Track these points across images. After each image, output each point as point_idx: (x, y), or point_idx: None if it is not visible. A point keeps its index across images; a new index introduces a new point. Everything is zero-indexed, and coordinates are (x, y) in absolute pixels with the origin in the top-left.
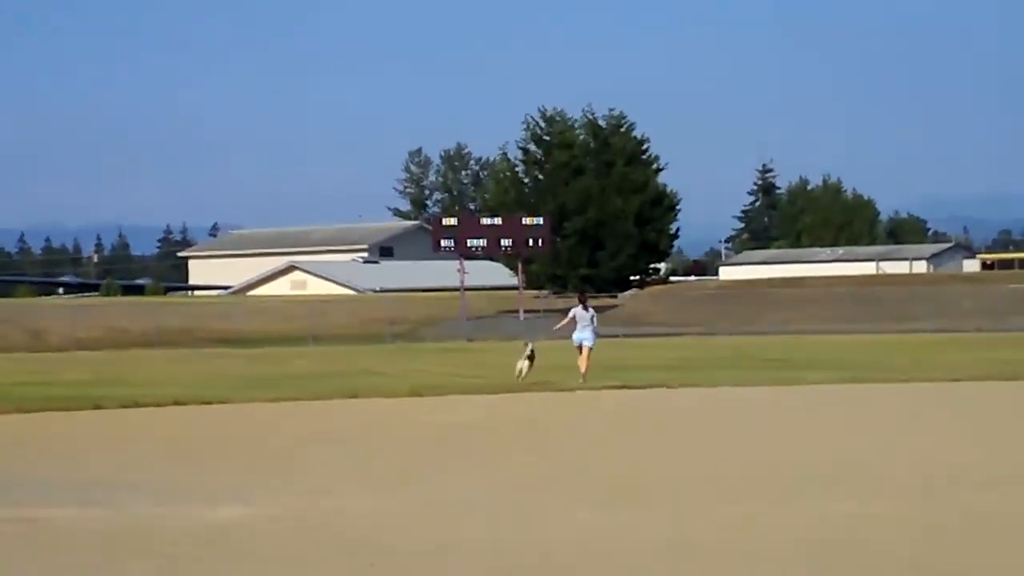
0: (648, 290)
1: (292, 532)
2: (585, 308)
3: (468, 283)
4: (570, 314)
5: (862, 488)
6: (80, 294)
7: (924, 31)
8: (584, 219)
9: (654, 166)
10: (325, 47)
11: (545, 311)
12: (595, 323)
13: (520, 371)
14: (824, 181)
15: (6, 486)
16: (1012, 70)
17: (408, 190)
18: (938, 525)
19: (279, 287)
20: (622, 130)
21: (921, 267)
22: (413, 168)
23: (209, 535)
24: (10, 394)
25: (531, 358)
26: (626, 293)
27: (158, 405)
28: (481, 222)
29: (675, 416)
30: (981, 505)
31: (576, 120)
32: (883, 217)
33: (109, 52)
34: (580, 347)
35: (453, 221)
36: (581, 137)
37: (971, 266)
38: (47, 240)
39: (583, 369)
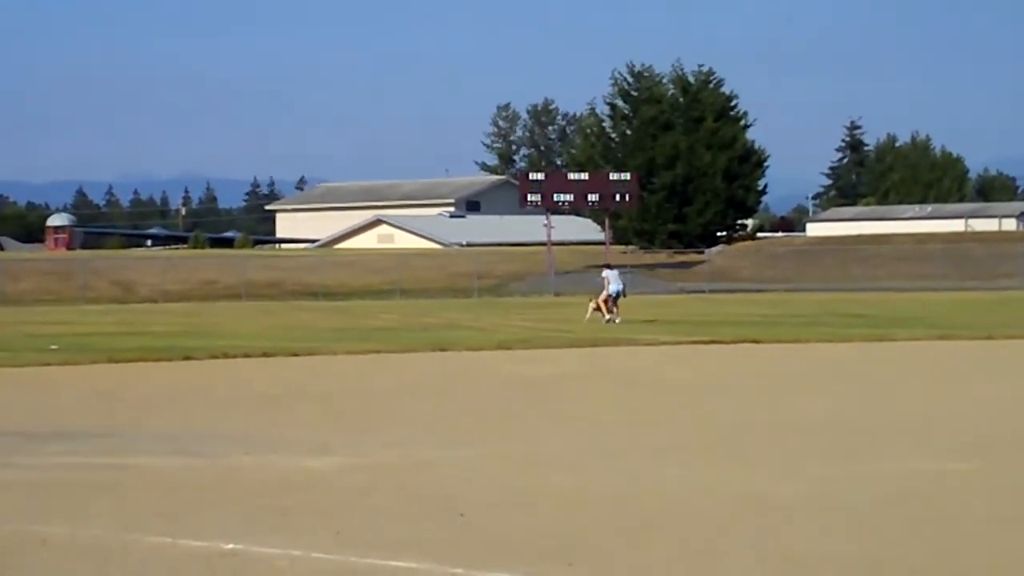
0: (735, 246)
1: (379, 483)
2: None
3: (555, 238)
4: None
5: (950, 445)
6: (168, 246)
7: None
8: (673, 174)
9: (743, 122)
10: (416, 2)
11: (632, 266)
12: None
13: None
14: (913, 138)
15: (98, 434)
16: None
17: (495, 145)
18: None
19: (366, 241)
20: (711, 86)
21: (1010, 225)
22: (500, 123)
23: (296, 485)
24: (102, 344)
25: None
26: (713, 249)
27: (247, 356)
28: (568, 177)
29: (763, 372)
30: None
31: (664, 75)
32: (972, 175)
33: (197, 8)
34: None
35: (540, 176)
36: (670, 92)
37: None
38: (135, 193)
39: None
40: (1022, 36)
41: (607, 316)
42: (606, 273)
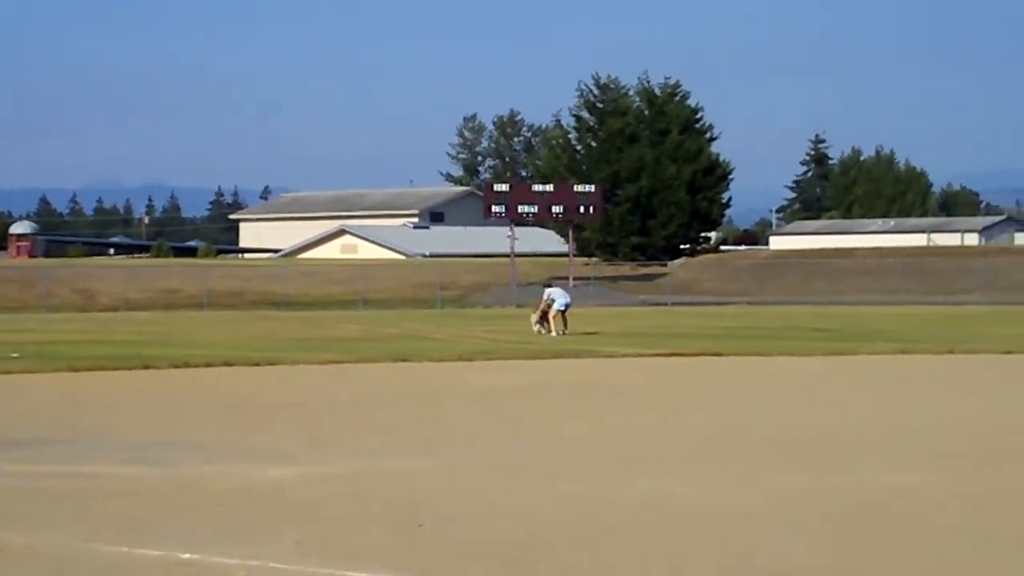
0: (698, 259)
1: (339, 493)
2: None
3: (518, 249)
4: None
5: (912, 457)
6: (131, 255)
7: None
8: (637, 187)
9: (708, 135)
10: (380, 11)
11: (595, 278)
12: None
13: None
14: (877, 152)
15: (57, 442)
16: None
17: (461, 156)
18: (990, 494)
19: (330, 251)
20: (677, 98)
21: (973, 239)
22: (466, 134)
23: (255, 494)
24: (63, 353)
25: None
26: (676, 261)
27: (208, 365)
28: (533, 189)
29: (725, 384)
30: None
31: (630, 88)
32: (935, 189)
33: (162, 14)
34: None
35: (505, 187)
36: (636, 104)
37: (1023, 239)
38: (99, 201)
39: None
40: (988, 53)
41: (546, 328)
42: (549, 290)
